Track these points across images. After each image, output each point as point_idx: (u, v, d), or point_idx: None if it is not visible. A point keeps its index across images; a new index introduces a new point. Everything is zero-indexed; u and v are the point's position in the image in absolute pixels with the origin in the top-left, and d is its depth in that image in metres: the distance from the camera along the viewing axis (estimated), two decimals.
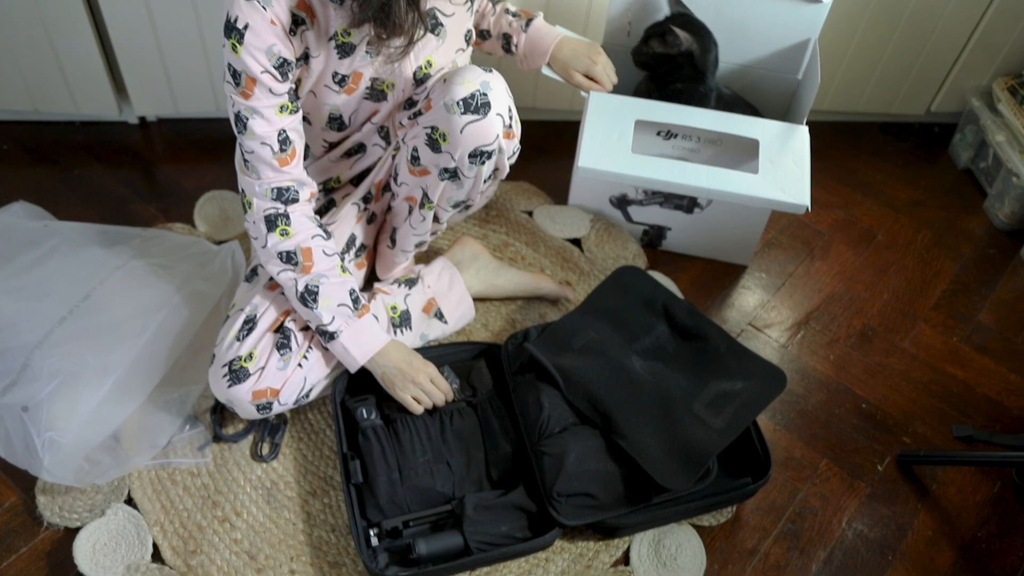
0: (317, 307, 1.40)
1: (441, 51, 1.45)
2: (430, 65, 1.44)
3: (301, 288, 1.40)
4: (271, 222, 1.39)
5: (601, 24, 1.95)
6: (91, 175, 1.92)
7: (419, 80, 1.45)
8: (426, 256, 1.74)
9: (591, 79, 1.70)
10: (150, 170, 1.96)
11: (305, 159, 1.53)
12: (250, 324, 1.42)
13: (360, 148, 1.56)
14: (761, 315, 1.83)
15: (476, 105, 1.32)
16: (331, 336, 1.41)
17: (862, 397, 1.70)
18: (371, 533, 1.34)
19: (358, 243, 1.58)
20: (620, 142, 1.68)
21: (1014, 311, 1.91)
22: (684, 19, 1.76)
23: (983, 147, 2.17)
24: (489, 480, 1.43)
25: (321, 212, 1.60)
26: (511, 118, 1.38)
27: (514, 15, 1.67)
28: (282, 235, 1.39)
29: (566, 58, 1.67)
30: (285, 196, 1.39)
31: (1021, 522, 1.54)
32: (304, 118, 1.48)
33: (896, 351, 1.80)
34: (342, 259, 1.45)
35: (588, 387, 1.44)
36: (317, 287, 1.40)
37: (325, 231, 1.44)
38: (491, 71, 1.36)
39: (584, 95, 1.71)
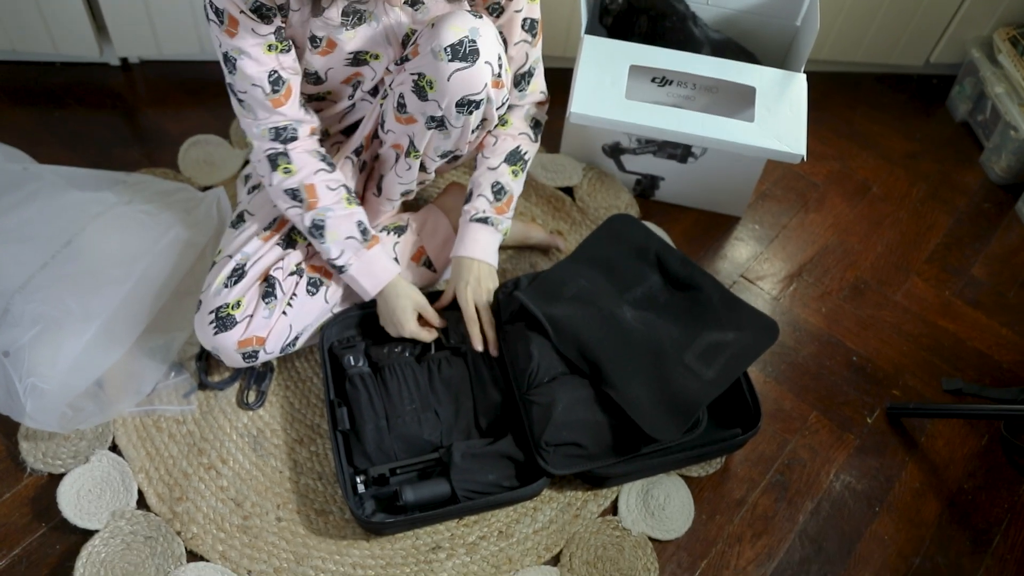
0: (325, 241, 1.40)
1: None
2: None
3: (308, 224, 1.40)
4: (273, 161, 1.38)
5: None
6: (72, 118, 1.88)
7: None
8: (415, 204, 1.71)
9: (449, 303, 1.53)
10: (133, 113, 1.91)
11: None
12: (240, 272, 1.40)
13: (347, 105, 1.52)
14: (754, 267, 1.82)
15: (464, 52, 1.27)
16: (340, 269, 1.42)
17: (853, 350, 1.70)
18: (358, 480, 1.34)
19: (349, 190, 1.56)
20: (613, 88, 1.64)
21: (1007, 265, 1.90)
22: None
23: (981, 100, 2.14)
24: (477, 429, 1.42)
25: None
26: (501, 67, 1.33)
27: (514, 167, 1.51)
28: (285, 173, 1.38)
29: (454, 271, 1.50)
30: (283, 135, 1.38)
31: (1007, 475, 1.55)
32: None
33: (888, 304, 1.79)
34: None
35: (578, 336, 1.42)
36: (323, 221, 1.39)
37: (329, 163, 1.42)
38: (481, 16, 1.31)
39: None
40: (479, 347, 1.46)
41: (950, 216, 1.99)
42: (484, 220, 1.47)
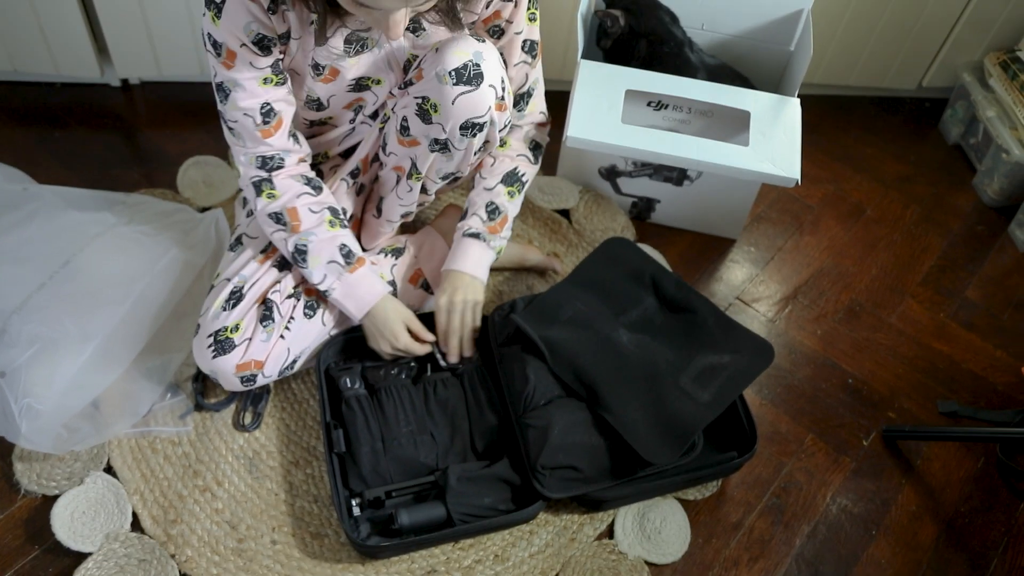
0: (308, 266, 1.40)
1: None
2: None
3: (291, 248, 1.40)
4: (257, 187, 1.39)
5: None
6: (72, 138, 1.89)
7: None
8: (412, 226, 1.72)
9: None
10: (132, 134, 1.92)
11: None
12: (237, 295, 1.40)
13: (347, 128, 1.53)
14: (749, 289, 1.83)
15: (469, 76, 1.29)
16: (325, 293, 1.42)
17: (849, 372, 1.70)
18: (353, 503, 1.33)
19: (346, 213, 1.56)
20: (610, 112, 1.65)
21: (1001, 288, 1.91)
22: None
23: (973, 123, 2.16)
24: (473, 451, 1.42)
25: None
26: (504, 90, 1.35)
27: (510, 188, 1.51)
28: (269, 198, 1.39)
29: (440, 284, 1.50)
30: (269, 164, 1.38)
31: (1003, 498, 1.55)
32: None
33: (883, 326, 1.79)
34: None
35: (574, 359, 1.43)
36: (306, 245, 1.40)
37: (315, 186, 1.43)
38: (484, 41, 1.32)
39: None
40: (453, 359, 1.47)
41: (944, 239, 2.00)
42: (476, 235, 1.48)
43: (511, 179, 1.51)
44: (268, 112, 1.33)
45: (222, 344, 1.37)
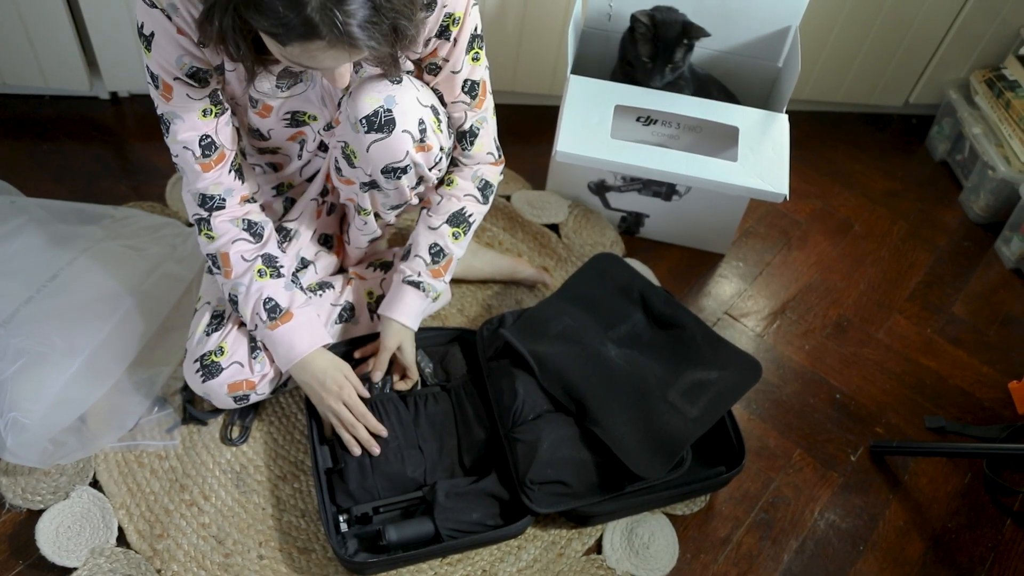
0: (240, 313, 1.38)
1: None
2: None
3: (226, 294, 1.39)
4: (198, 225, 1.36)
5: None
6: (60, 151, 1.88)
7: None
8: (402, 238, 1.72)
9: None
10: (121, 147, 1.92)
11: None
12: (218, 319, 1.40)
13: (301, 161, 1.50)
14: (737, 304, 1.83)
15: (380, 123, 1.25)
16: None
17: (836, 387, 1.71)
18: (340, 519, 1.33)
19: (326, 236, 1.55)
20: (599, 127, 1.66)
21: (987, 303, 1.92)
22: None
23: (959, 140, 2.18)
24: (461, 466, 1.42)
25: (284, 212, 1.54)
26: (424, 131, 1.29)
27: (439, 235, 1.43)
28: (207, 238, 1.36)
29: (382, 330, 1.45)
30: (209, 204, 1.34)
31: (991, 513, 1.55)
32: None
33: (871, 342, 1.80)
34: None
35: (563, 374, 1.43)
36: (236, 295, 1.37)
37: (254, 233, 1.38)
38: (399, 81, 1.27)
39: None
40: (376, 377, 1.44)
41: (931, 254, 2.01)
42: (416, 284, 1.42)
43: (457, 220, 1.44)
44: (208, 145, 1.30)
45: (208, 368, 1.37)
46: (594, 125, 1.66)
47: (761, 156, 1.67)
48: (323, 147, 1.47)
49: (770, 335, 1.78)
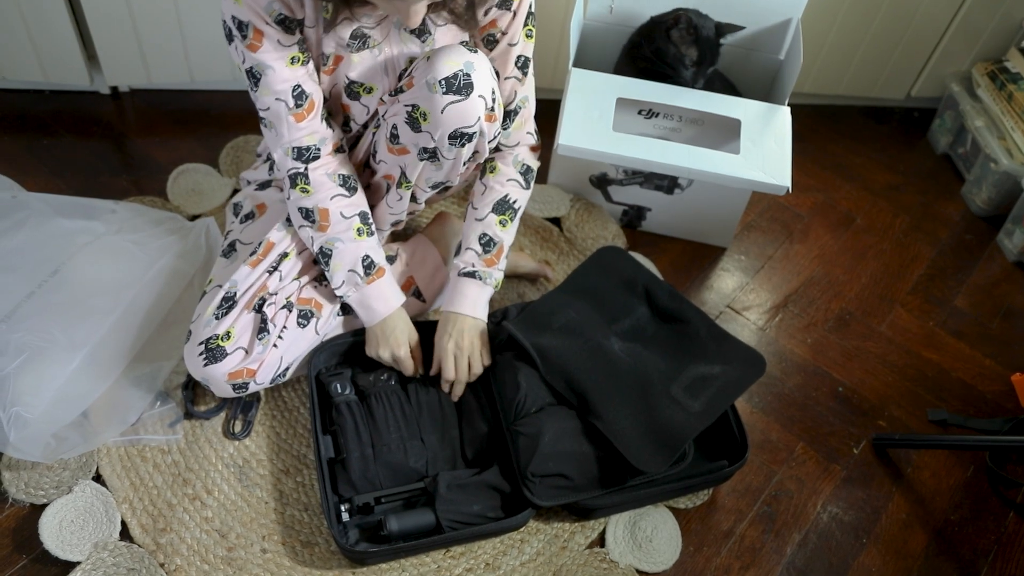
0: (329, 269, 1.42)
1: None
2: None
3: (316, 249, 1.42)
4: (293, 180, 1.40)
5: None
6: (61, 146, 1.88)
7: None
8: (404, 234, 1.72)
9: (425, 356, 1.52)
10: (122, 142, 1.91)
11: None
12: (229, 302, 1.40)
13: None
14: (740, 297, 1.83)
15: (459, 85, 1.28)
16: (341, 297, 1.44)
17: (839, 380, 1.71)
18: (342, 509, 1.33)
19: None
20: (601, 121, 1.66)
21: (989, 296, 1.92)
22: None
23: (962, 133, 2.18)
24: (463, 458, 1.42)
25: None
26: (494, 101, 1.34)
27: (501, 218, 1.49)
28: (303, 192, 1.40)
29: (440, 325, 1.49)
30: (306, 155, 1.39)
31: (993, 506, 1.55)
32: None
33: (873, 335, 1.80)
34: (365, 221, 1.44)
35: (566, 367, 1.43)
36: (331, 250, 1.41)
37: (351, 187, 1.43)
38: (476, 51, 1.32)
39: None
40: (454, 399, 1.48)
41: (933, 247, 2.01)
42: (472, 274, 1.47)
43: (502, 207, 1.50)
44: (300, 94, 1.33)
45: (213, 352, 1.37)
46: (596, 118, 1.66)
47: (763, 149, 1.67)
48: (365, 125, 1.49)
49: (772, 328, 1.78)
